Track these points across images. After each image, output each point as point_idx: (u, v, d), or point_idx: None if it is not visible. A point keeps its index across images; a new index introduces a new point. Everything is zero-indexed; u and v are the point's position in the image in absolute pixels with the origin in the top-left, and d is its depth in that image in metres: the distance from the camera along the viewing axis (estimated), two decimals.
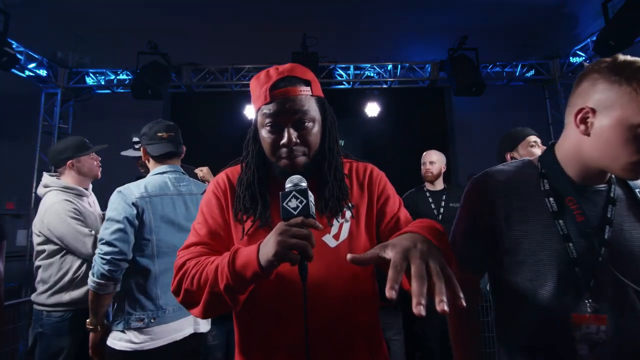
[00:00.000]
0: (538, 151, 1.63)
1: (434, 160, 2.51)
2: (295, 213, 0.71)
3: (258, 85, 0.85)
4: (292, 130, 0.82)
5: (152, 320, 1.42)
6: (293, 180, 0.75)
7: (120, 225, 1.40)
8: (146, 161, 1.73)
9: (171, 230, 1.52)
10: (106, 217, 1.44)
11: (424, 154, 2.99)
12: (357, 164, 0.98)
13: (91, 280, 1.39)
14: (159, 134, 1.62)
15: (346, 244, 0.85)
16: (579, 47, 5.06)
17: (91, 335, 1.50)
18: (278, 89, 0.81)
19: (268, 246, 0.70)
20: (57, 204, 1.79)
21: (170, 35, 5.12)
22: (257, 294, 0.82)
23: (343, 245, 0.85)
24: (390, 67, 5.54)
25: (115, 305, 1.51)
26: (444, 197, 2.92)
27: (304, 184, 0.74)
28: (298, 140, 0.82)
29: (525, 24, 5.63)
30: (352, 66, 5.53)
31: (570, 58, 5.24)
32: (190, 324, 1.53)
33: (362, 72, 5.58)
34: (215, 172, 2.28)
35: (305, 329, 0.71)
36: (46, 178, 1.94)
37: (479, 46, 5.03)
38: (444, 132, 7.27)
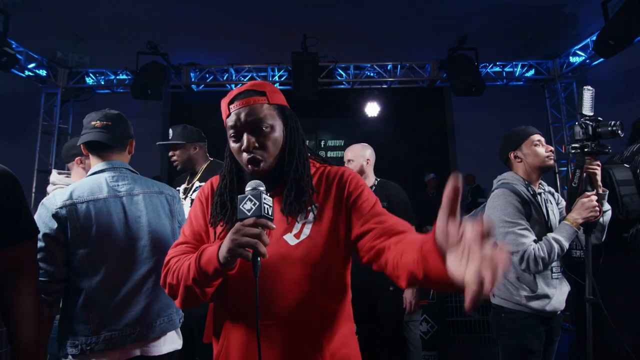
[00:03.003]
0: (542, 150, 1.62)
1: (351, 158, 2.37)
2: (249, 214, 0.78)
3: (223, 103, 0.96)
4: (250, 136, 0.89)
5: (86, 347, 1.21)
6: (252, 185, 0.82)
7: (41, 244, 1.20)
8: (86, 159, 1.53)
9: (107, 239, 1.28)
10: None
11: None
12: (330, 168, 1.02)
13: None
14: (92, 123, 1.41)
15: (306, 243, 0.90)
16: (579, 46, 5.06)
17: None
18: (234, 102, 0.92)
19: (224, 245, 0.79)
20: None
21: (170, 35, 5.13)
22: (223, 287, 0.92)
23: (302, 244, 0.90)
24: (390, 67, 5.54)
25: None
26: None
27: (262, 188, 0.81)
28: (257, 144, 0.90)
29: (525, 24, 5.63)
30: (352, 66, 5.53)
31: (570, 58, 5.24)
32: (136, 347, 1.31)
33: (362, 72, 5.58)
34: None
35: (257, 322, 0.78)
36: (53, 175, 1.86)
37: (479, 46, 5.03)
38: (444, 131, 7.27)
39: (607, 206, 1.60)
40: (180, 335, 1.48)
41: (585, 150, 1.55)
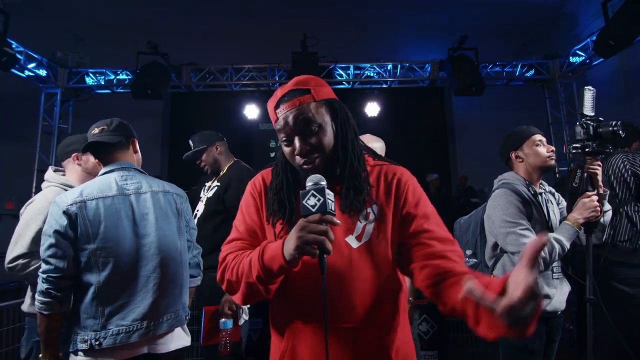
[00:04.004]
0: (543, 150, 1.62)
1: None
2: (314, 210, 0.76)
3: (269, 107, 0.93)
4: (301, 139, 0.88)
5: (95, 342, 1.24)
6: (313, 179, 0.80)
7: (52, 240, 1.25)
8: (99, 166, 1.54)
9: (115, 236, 1.32)
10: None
11: None
12: (387, 167, 0.98)
13: (36, 299, 1.27)
14: (91, 132, 1.46)
15: (367, 246, 0.88)
16: (579, 46, 5.06)
17: None
18: (281, 105, 0.89)
19: (290, 242, 0.78)
20: (45, 204, 1.60)
21: (170, 35, 5.12)
22: (286, 284, 0.90)
23: (365, 246, 0.88)
24: (390, 67, 5.54)
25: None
26: None
27: (323, 183, 0.79)
28: (308, 148, 0.87)
29: (525, 23, 5.64)
30: (352, 66, 5.53)
31: (570, 58, 5.24)
32: (144, 344, 1.33)
33: (362, 72, 5.58)
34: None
35: (325, 320, 0.77)
36: (48, 173, 1.82)
37: (479, 46, 5.03)
38: (444, 131, 7.27)
39: (607, 206, 1.60)
40: (188, 332, 1.50)
41: (586, 150, 1.55)
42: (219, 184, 2.23)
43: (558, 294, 1.56)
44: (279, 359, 0.92)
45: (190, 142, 2.29)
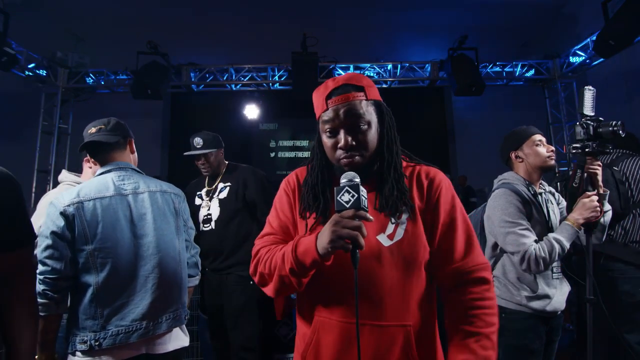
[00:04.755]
0: (543, 150, 1.62)
1: None
2: (348, 206, 0.78)
3: (318, 96, 0.94)
4: (347, 134, 0.89)
5: (95, 342, 1.24)
6: (347, 176, 0.81)
7: (49, 242, 1.24)
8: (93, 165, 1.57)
9: (113, 236, 1.31)
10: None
11: None
12: (420, 167, 1.00)
13: None
14: (88, 132, 1.45)
15: (399, 245, 0.89)
16: (579, 46, 5.06)
17: None
18: (333, 96, 0.90)
19: (324, 236, 0.79)
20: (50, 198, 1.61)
21: (170, 35, 5.12)
22: (318, 278, 0.91)
23: (396, 246, 0.89)
24: (390, 67, 5.54)
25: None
26: None
27: (357, 180, 0.81)
28: (354, 143, 0.89)
29: (525, 24, 5.63)
30: (352, 66, 5.53)
31: (570, 58, 5.24)
32: (142, 345, 1.33)
33: (362, 72, 5.57)
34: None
35: (357, 315, 0.78)
36: (62, 174, 1.84)
37: (479, 46, 5.03)
38: (444, 131, 7.27)
39: (607, 206, 1.60)
40: (187, 332, 1.50)
41: (587, 150, 1.54)
42: (229, 184, 2.30)
43: (558, 294, 1.55)
44: (303, 350, 0.94)
45: (199, 141, 2.27)
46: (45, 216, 1.30)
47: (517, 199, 1.54)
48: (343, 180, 0.81)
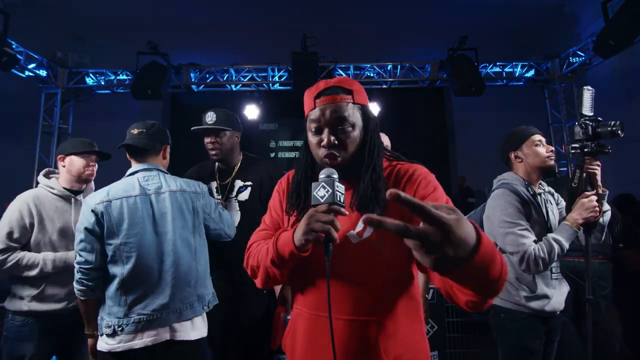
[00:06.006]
0: (542, 150, 1.62)
1: None
2: (322, 200, 0.81)
3: (308, 96, 0.98)
4: (331, 133, 0.92)
5: (118, 328, 1.39)
6: (326, 172, 0.85)
7: (82, 236, 1.42)
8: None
9: (136, 232, 1.45)
10: None
11: None
12: (400, 165, 1.00)
13: (74, 287, 1.46)
14: (131, 131, 1.59)
15: (368, 242, 0.90)
16: (579, 47, 5.06)
17: (89, 340, 1.53)
18: (322, 96, 0.94)
19: (299, 229, 0.84)
20: (17, 202, 1.77)
21: (170, 35, 5.13)
22: (298, 271, 0.97)
23: (364, 243, 0.90)
24: (390, 67, 5.54)
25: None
26: None
27: (335, 176, 0.84)
28: (336, 142, 0.92)
29: (525, 24, 5.64)
30: (352, 66, 5.53)
31: (570, 58, 5.24)
32: (166, 331, 1.44)
33: (362, 72, 5.58)
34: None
35: (329, 305, 0.81)
36: (39, 177, 1.91)
37: (479, 46, 5.03)
38: (444, 131, 7.27)
39: (606, 206, 1.60)
40: (206, 322, 1.59)
41: (585, 150, 1.54)
42: (250, 183, 1.95)
43: (557, 294, 1.56)
44: (285, 337, 1.03)
45: (212, 116, 1.90)
46: (81, 213, 1.46)
47: (516, 199, 1.54)
48: (322, 176, 0.84)
